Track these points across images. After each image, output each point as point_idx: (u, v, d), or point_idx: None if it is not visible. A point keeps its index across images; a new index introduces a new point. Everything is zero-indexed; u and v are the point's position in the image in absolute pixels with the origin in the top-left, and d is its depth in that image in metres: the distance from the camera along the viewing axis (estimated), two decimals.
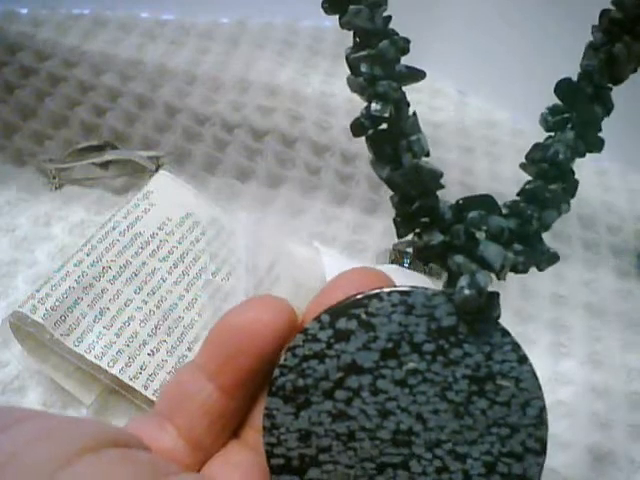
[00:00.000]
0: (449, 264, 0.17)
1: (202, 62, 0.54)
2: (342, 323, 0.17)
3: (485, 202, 0.18)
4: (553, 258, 0.18)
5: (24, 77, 0.48)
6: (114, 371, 0.30)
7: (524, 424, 0.17)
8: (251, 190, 0.44)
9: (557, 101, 0.18)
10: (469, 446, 0.17)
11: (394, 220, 0.18)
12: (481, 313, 0.17)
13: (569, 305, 0.42)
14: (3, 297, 0.35)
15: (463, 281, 0.17)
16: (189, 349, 0.32)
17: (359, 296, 0.17)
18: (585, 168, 0.52)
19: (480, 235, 0.17)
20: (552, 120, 0.18)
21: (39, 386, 0.31)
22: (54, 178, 0.41)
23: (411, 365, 0.17)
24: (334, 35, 0.62)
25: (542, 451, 0.17)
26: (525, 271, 0.18)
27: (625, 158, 0.51)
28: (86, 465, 0.14)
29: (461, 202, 0.17)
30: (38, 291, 0.30)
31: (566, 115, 0.18)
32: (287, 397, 0.17)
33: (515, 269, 0.18)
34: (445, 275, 0.19)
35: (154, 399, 0.30)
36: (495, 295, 0.17)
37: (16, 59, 0.49)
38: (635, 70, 0.18)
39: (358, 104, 0.18)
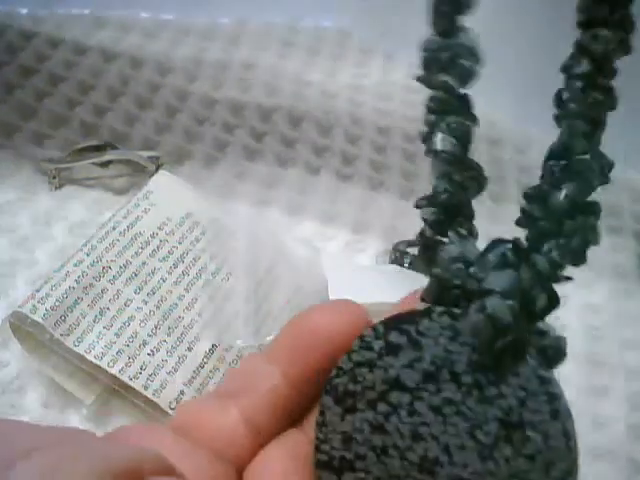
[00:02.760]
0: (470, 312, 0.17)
1: (202, 62, 0.54)
2: (394, 336, 0.17)
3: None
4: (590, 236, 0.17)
5: (24, 77, 0.48)
6: (114, 371, 0.30)
7: None
8: (251, 190, 0.44)
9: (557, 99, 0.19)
10: None
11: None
12: (505, 346, 0.16)
13: (569, 306, 0.42)
14: (3, 297, 0.35)
15: (472, 307, 0.16)
16: (189, 349, 0.32)
17: (413, 311, 0.17)
18: None
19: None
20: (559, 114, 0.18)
21: (39, 386, 0.31)
22: (54, 178, 0.41)
23: (447, 394, 0.17)
24: (334, 35, 0.62)
25: None
26: (562, 266, 0.17)
27: (625, 158, 0.51)
28: None
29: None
30: (38, 291, 0.30)
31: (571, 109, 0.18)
32: (338, 398, 0.18)
33: (552, 275, 0.17)
34: None
35: (154, 399, 0.30)
36: (524, 331, 0.16)
37: (16, 59, 0.49)
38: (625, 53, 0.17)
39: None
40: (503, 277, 0.16)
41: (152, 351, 0.31)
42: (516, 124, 0.53)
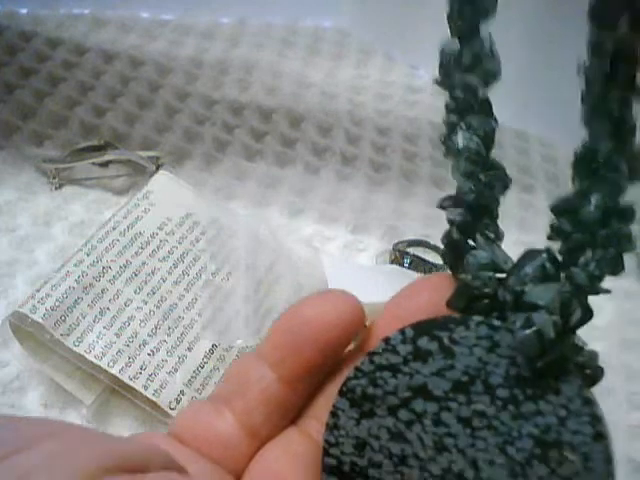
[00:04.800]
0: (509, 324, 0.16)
1: (202, 62, 0.54)
2: (423, 342, 0.16)
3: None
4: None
5: (24, 77, 0.48)
6: (114, 371, 0.30)
7: None
8: (251, 190, 0.44)
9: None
10: None
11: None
12: (549, 362, 0.15)
13: None
14: (3, 297, 0.35)
15: (517, 323, 0.15)
16: (189, 349, 0.32)
17: (447, 318, 0.16)
18: None
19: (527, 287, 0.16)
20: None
21: (39, 386, 0.31)
22: (54, 178, 0.41)
23: (479, 406, 0.16)
24: (333, 35, 0.62)
25: None
26: (601, 278, 0.16)
27: None
28: None
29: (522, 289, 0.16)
30: (38, 291, 0.30)
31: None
32: (354, 401, 0.17)
33: (591, 288, 0.16)
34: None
35: (154, 399, 0.30)
36: (567, 347, 0.16)
37: (16, 59, 0.49)
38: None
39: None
40: (546, 291, 0.16)
41: (152, 351, 0.31)
42: (516, 124, 0.53)
